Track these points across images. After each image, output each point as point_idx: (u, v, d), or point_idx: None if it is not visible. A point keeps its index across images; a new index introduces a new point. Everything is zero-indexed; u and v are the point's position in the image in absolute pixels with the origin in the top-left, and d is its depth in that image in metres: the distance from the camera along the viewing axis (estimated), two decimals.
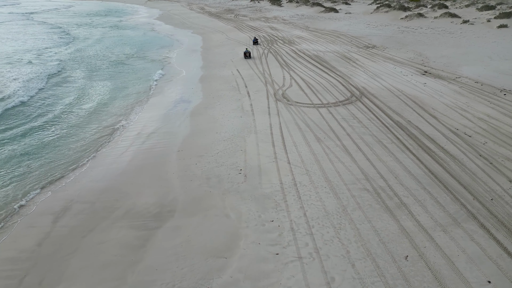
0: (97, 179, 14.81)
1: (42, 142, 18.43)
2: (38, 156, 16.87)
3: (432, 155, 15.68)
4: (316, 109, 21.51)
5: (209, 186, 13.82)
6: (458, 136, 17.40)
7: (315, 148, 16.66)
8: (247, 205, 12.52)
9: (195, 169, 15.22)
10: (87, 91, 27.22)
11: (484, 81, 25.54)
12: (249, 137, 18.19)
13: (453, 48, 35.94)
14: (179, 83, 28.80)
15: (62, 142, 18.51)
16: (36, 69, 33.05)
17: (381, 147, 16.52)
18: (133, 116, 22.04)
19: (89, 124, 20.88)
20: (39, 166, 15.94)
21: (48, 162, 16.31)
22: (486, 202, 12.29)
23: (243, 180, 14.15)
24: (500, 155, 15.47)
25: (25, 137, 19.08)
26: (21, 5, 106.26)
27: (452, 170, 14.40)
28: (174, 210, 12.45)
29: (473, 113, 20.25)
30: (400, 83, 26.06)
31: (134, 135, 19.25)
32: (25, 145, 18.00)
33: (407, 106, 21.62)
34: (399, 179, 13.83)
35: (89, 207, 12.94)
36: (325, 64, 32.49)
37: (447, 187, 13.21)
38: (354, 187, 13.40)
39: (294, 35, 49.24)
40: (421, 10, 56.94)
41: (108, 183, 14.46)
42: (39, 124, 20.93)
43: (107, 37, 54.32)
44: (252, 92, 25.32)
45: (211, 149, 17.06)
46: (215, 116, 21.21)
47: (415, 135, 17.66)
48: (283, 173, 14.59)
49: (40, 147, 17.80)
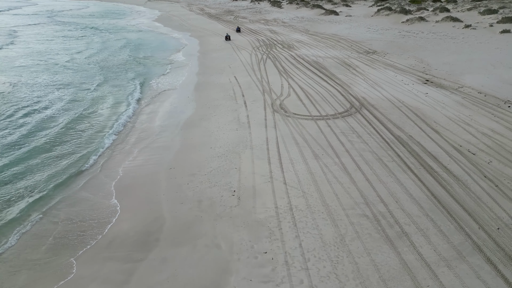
0: (82, 206, 14.00)
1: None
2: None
3: (434, 175, 14.99)
4: (314, 122, 20.82)
5: (200, 210, 13.13)
6: (462, 154, 16.71)
7: (312, 166, 15.98)
8: (240, 233, 11.83)
9: (186, 190, 14.54)
10: (74, 101, 26.46)
11: (487, 92, 24.83)
12: (244, 153, 17.50)
13: (455, 55, 35.23)
14: (174, 91, 28.10)
15: (36, 161, 17.42)
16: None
17: (381, 166, 15.83)
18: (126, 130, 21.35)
19: (71, 141, 19.81)
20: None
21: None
22: (492, 231, 11.60)
23: (236, 204, 13.46)
24: (506, 176, 14.78)
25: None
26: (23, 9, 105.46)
27: (456, 193, 13.71)
28: (161, 239, 11.77)
29: (477, 127, 19.56)
30: (401, 93, 25.36)
31: (127, 149, 18.57)
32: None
33: (409, 119, 20.92)
34: (400, 204, 13.15)
35: (71, 234, 12.25)
36: (324, 71, 31.78)
37: (451, 213, 12.52)
38: (352, 213, 12.72)
39: (294, 39, 48.52)
40: (423, 14, 56.19)
41: (94, 208, 13.77)
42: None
43: (100, 41, 53.58)
44: (249, 102, 24.63)
45: (205, 166, 16.37)
46: (210, 129, 20.53)
47: (416, 153, 16.96)
48: (278, 195, 13.91)
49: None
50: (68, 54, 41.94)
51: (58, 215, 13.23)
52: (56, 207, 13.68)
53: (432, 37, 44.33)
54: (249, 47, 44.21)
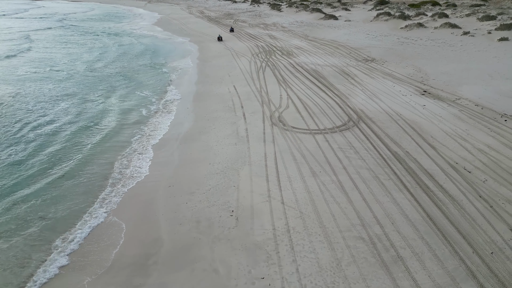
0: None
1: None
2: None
3: (430, 195, 15.18)
4: (312, 136, 21.00)
5: (198, 232, 13.31)
6: (458, 172, 16.90)
7: (310, 184, 16.16)
8: (238, 257, 12.01)
9: (185, 209, 14.72)
10: (83, 112, 26.62)
11: (484, 104, 25.03)
12: (243, 169, 17.68)
13: (453, 64, 35.42)
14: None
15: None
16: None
17: (378, 185, 16.02)
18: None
19: (76, 156, 20.25)
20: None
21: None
22: (486, 256, 11.79)
23: (234, 225, 13.65)
24: (501, 197, 14.98)
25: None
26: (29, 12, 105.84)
27: (451, 214, 13.90)
28: (160, 262, 11.95)
29: (473, 143, 19.75)
30: (399, 105, 25.55)
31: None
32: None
33: (406, 133, 21.11)
34: (396, 226, 13.33)
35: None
36: (323, 81, 31.97)
37: (446, 236, 12.71)
38: (349, 235, 12.90)
39: (293, 45, 48.72)
40: (421, 19, 56.37)
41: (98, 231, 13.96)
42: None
43: (99, 47, 53.73)
44: (248, 114, 24.81)
45: (203, 184, 16.55)
46: (209, 143, 20.70)
47: (413, 170, 17.15)
48: (276, 215, 14.09)
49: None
50: (67, 63, 42.11)
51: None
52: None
53: (431, 44, 44.55)
54: (248, 53, 44.41)
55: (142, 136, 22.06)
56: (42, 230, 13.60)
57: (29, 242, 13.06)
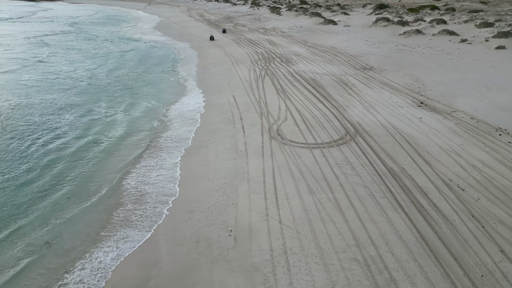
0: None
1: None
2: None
3: (424, 214, 15.56)
4: (310, 151, 21.37)
5: (197, 253, 13.68)
6: (451, 190, 17.29)
7: (307, 202, 16.54)
8: (236, 279, 12.39)
9: (185, 228, 15.09)
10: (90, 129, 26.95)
11: (480, 117, 25.42)
12: (241, 186, 18.06)
13: (450, 73, 35.83)
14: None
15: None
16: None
17: (374, 203, 16.40)
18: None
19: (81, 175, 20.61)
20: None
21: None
22: (476, 279, 12.18)
23: (233, 245, 14.02)
24: (493, 216, 15.36)
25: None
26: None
27: (443, 235, 14.28)
28: (160, 284, 12.31)
29: (467, 159, 20.14)
30: (396, 118, 25.94)
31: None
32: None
33: (402, 148, 21.49)
34: (390, 247, 13.72)
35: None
36: (321, 91, 32.35)
37: (438, 258, 13.09)
38: (344, 256, 13.28)
39: (292, 52, 49.10)
40: (420, 26, 56.74)
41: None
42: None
43: (93, 56, 54.06)
44: (247, 127, 25.17)
45: (203, 201, 16.92)
46: (208, 158, 21.07)
47: (408, 188, 17.53)
48: (273, 236, 14.46)
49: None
50: (69, 71, 42.45)
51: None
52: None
53: (428, 52, 44.94)
54: (248, 61, 44.79)
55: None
56: (47, 255, 13.93)
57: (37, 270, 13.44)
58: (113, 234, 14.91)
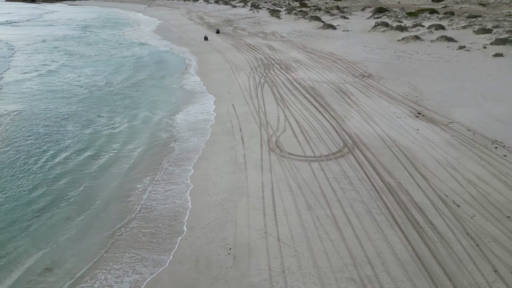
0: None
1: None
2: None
3: (420, 232, 15.85)
4: (308, 164, 21.65)
5: (197, 272, 13.96)
6: (447, 206, 17.58)
7: (305, 219, 16.82)
8: None
9: (185, 246, 15.37)
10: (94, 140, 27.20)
11: (476, 129, 25.72)
12: (240, 201, 18.33)
13: (448, 82, 36.13)
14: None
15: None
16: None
17: (370, 220, 16.68)
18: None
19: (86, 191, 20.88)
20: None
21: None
22: None
23: (232, 264, 14.30)
24: (487, 234, 15.65)
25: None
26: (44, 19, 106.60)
27: (438, 254, 14.57)
28: None
29: (463, 173, 20.43)
30: (393, 129, 26.22)
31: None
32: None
33: (399, 162, 21.78)
34: (386, 266, 14.01)
35: None
36: (319, 100, 32.63)
37: (433, 278, 13.39)
38: (341, 276, 13.57)
39: (291, 58, 49.39)
40: (418, 31, 57.03)
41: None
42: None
43: (89, 65, 54.29)
44: (246, 138, 25.45)
45: (202, 218, 17.20)
46: (208, 172, 21.34)
47: (404, 204, 17.83)
48: (272, 254, 14.74)
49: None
50: (71, 77, 42.69)
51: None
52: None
53: (427, 59, 45.23)
54: (247, 67, 45.05)
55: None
56: (48, 279, 14.21)
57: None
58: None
